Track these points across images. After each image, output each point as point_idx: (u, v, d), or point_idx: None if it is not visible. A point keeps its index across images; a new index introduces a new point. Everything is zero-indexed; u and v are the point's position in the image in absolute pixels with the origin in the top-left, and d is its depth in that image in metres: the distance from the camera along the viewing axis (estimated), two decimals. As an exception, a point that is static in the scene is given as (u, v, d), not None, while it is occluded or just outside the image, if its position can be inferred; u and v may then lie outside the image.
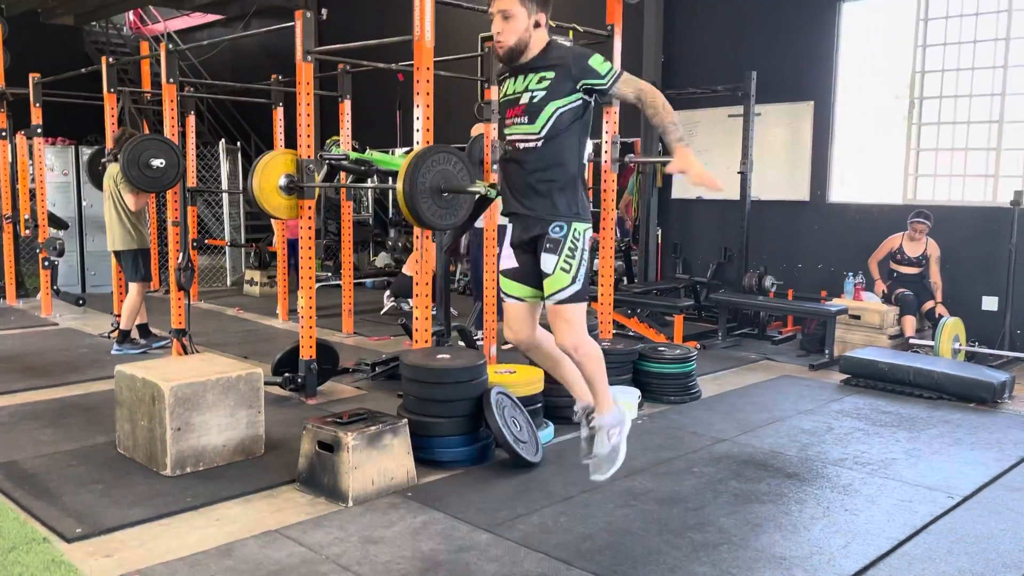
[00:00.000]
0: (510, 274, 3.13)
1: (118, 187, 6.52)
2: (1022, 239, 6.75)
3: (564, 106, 2.89)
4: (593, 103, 3.05)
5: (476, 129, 6.92)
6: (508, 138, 3.06)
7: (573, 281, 2.92)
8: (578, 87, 2.90)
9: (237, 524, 3.50)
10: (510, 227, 3.17)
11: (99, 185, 8.29)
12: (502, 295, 3.17)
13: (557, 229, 2.94)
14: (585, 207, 3.07)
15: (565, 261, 2.91)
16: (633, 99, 2.92)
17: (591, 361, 3.07)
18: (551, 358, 3.28)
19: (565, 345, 3.01)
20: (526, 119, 2.93)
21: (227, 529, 3.45)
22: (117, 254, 6.79)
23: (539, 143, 2.94)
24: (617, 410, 3.26)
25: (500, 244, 3.64)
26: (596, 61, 2.88)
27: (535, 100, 2.90)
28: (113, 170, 6.58)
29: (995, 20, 7.13)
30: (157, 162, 6.01)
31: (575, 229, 2.96)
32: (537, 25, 2.91)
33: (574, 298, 2.94)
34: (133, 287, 6.70)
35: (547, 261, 2.95)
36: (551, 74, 2.88)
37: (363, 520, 3.53)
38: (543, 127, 2.91)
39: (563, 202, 2.99)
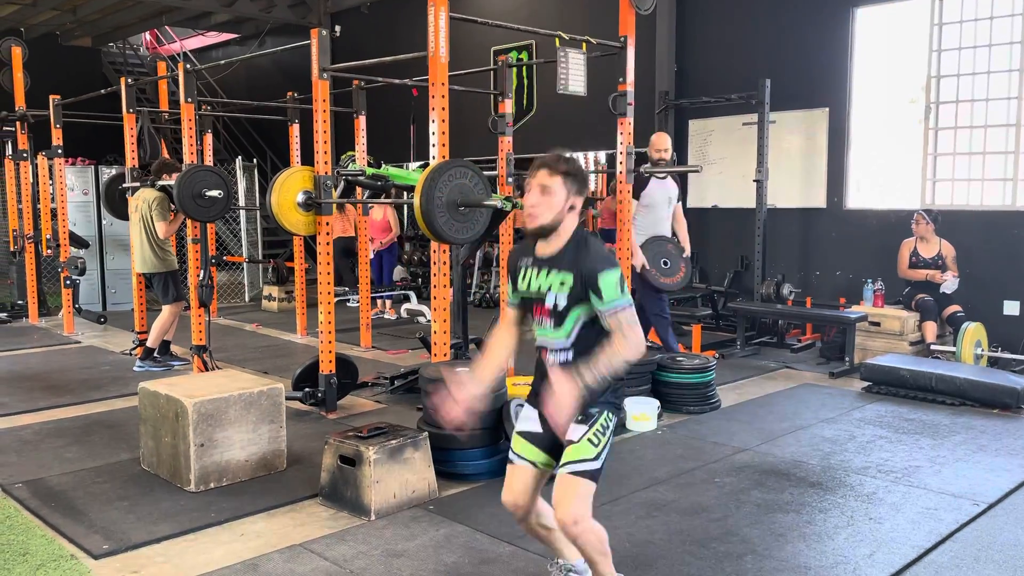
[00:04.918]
0: (528, 437, 2.95)
1: (151, 212, 6.60)
2: (1042, 242, 6.71)
3: (586, 310, 2.77)
4: None
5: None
6: (539, 341, 2.90)
7: (596, 458, 2.76)
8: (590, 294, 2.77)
9: (262, 539, 3.53)
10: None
11: (113, 208, 8.38)
12: (512, 455, 2.98)
13: (592, 409, 2.79)
14: (620, 393, 2.91)
15: (595, 435, 2.77)
16: (606, 329, 2.76)
17: (590, 542, 2.81)
18: (545, 526, 3.00)
19: (564, 519, 2.73)
20: (552, 323, 2.82)
21: (252, 544, 3.48)
22: (148, 277, 6.87)
23: (570, 349, 2.82)
24: None
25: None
26: (606, 285, 2.70)
27: (559, 305, 2.79)
28: (149, 195, 6.64)
29: (1010, 23, 7.10)
30: (213, 193, 6.07)
31: (607, 415, 2.82)
32: (571, 208, 2.78)
33: (592, 475, 2.77)
34: (166, 308, 6.78)
35: (576, 430, 2.79)
36: (569, 278, 2.76)
37: (386, 534, 3.55)
38: (571, 333, 2.80)
39: (598, 394, 2.77)
